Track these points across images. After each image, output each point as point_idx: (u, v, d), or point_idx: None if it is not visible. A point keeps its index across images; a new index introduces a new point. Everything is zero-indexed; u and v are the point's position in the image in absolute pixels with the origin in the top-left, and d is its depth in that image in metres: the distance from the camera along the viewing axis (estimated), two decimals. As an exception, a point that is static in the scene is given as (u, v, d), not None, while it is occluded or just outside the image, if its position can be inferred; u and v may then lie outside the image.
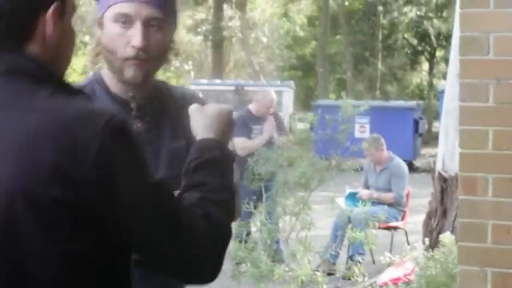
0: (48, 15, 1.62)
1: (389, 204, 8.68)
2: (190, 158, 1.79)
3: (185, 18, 34.50)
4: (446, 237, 5.65)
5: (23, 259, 1.51)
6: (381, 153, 8.96)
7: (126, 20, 2.22)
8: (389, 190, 8.82)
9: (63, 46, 1.68)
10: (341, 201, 8.38)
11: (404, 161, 9.57)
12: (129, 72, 2.25)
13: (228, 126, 1.92)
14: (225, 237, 1.69)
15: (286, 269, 6.01)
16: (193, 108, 1.94)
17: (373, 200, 8.55)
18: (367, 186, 9.06)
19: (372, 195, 8.69)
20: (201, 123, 1.89)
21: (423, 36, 32.14)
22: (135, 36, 2.21)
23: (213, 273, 1.67)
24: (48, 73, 1.62)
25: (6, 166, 1.51)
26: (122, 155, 1.55)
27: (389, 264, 6.72)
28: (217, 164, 1.78)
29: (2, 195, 1.51)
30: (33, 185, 1.49)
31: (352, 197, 8.70)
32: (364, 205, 6.91)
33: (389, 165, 8.93)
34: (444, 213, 7.07)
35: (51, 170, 1.49)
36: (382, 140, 8.99)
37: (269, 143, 7.96)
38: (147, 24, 2.22)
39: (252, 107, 8.91)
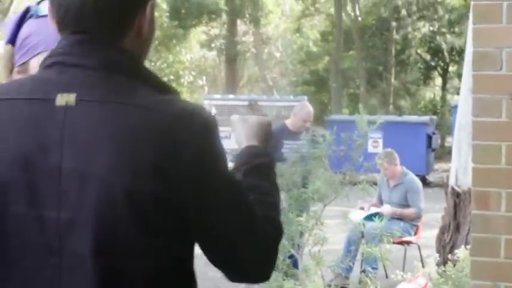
0: (147, 11, 1.66)
1: (403, 219, 8.67)
2: (238, 163, 1.83)
3: (199, 33, 34.64)
4: (461, 252, 5.64)
5: (117, 253, 1.53)
6: (395, 167, 8.95)
7: None
8: (403, 205, 8.79)
9: (150, 41, 1.71)
10: (354, 216, 8.33)
11: (417, 175, 9.56)
12: None
13: (268, 136, 1.96)
14: (280, 238, 1.72)
15: (297, 283, 6.00)
16: (235, 119, 1.99)
17: (393, 217, 8.53)
18: (380, 201, 9.04)
19: (395, 212, 8.66)
20: (244, 132, 1.93)
21: (436, 52, 32.09)
22: None
23: (269, 271, 1.70)
24: (143, 69, 1.65)
25: (104, 160, 1.52)
26: (216, 151, 1.60)
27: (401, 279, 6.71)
28: (266, 168, 1.83)
29: (102, 189, 1.51)
30: (134, 179, 1.51)
31: (370, 218, 8.62)
32: (381, 220, 6.87)
33: (403, 181, 8.92)
34: (457, 228, 7.07)
35: (152, 165, 1.52)
36: (396, 155, 8.98)
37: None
38: None
39: (288, 121, 8.75)
